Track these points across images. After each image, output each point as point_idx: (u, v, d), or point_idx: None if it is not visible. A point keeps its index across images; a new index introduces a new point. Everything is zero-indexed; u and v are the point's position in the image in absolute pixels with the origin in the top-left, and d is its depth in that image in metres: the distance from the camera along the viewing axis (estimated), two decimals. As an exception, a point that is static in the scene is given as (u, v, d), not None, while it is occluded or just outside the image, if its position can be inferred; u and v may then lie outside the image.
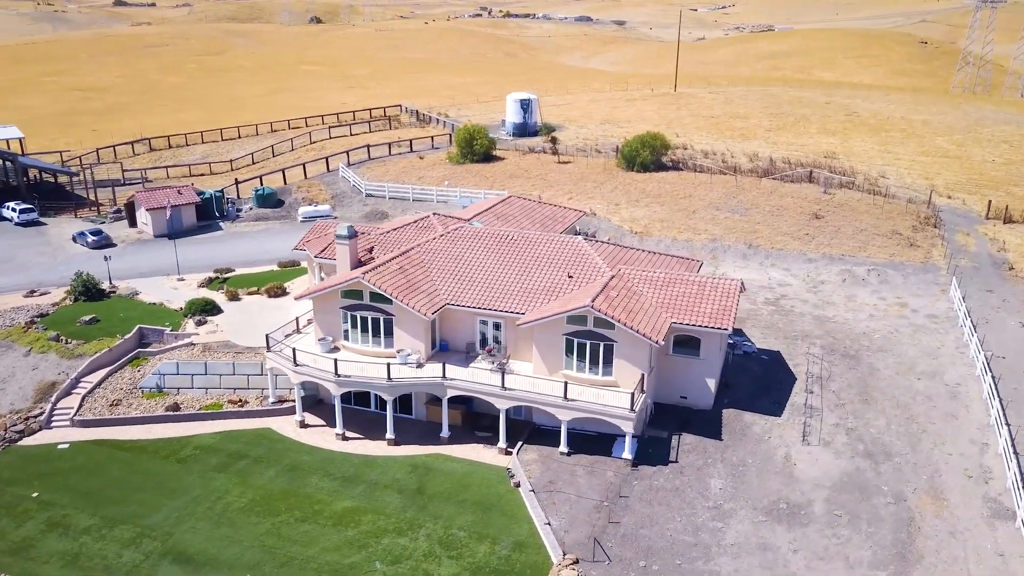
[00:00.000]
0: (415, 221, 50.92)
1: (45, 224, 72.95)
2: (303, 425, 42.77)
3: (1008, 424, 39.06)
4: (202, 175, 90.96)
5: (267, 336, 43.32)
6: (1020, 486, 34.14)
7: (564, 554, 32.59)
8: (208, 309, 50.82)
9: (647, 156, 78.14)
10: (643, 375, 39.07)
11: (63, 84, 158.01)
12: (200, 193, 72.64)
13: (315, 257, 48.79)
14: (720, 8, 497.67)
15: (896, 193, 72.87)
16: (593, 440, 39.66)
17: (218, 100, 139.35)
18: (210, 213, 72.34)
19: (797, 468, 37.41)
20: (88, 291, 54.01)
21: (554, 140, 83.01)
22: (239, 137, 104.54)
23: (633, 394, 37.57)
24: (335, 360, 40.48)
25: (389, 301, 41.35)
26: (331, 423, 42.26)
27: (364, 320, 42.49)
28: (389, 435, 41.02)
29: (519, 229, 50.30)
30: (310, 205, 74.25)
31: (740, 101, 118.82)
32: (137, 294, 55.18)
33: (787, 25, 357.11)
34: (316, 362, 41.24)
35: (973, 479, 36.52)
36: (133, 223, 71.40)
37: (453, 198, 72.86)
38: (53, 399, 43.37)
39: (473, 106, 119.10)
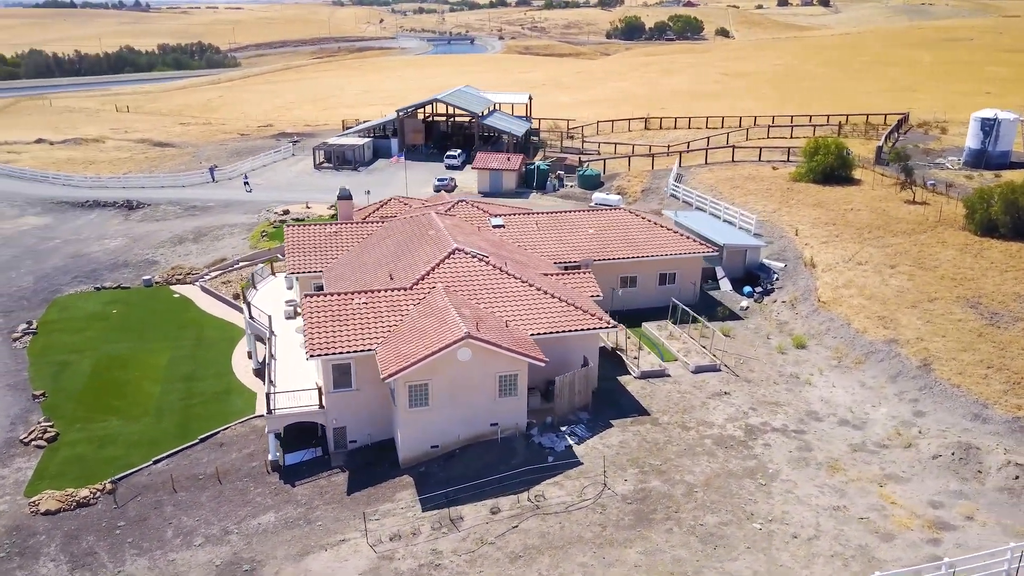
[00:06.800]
0: (452, 205, 51.78)
1: (460, 169, 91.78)
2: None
3: None
4: (626, 156, 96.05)
5: (272, 265, 53.03)
6: None
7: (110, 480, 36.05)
8: (347, 242, 61.82)
9: (998, 212, 52.58)
10: (318, 387, 36.22)
11: (719, 68, 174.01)
12: (529, 164, 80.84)
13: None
14: None
15: None
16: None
17: (800, 91, 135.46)
18: (530, 182, 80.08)
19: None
20: (340, 211, 70.71)
21: (908, 170, 61.40)
22: (721, 127, 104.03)
23: (270, 395, 35.78)
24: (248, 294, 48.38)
25: (301, 254, 46.71)
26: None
27: (296, 266, 48.45)
28: (254, 365, 47.02)
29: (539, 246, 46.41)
30: (604, 193, 74.74)
31: None
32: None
33: None
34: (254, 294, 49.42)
35: None
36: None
37: (713, 209, 64.04)
38: (236, 267, 61.61)
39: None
